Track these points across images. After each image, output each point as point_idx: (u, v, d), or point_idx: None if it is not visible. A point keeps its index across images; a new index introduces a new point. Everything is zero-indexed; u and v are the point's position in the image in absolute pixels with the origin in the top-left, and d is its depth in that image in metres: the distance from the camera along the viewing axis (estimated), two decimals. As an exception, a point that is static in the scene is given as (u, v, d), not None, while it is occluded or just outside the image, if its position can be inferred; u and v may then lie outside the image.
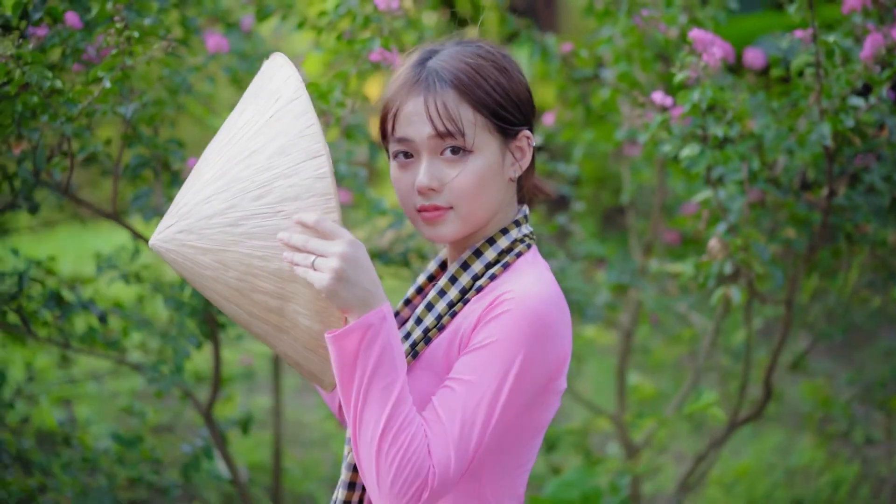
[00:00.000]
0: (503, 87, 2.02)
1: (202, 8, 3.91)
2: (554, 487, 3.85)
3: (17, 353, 6.20)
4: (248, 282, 1.96)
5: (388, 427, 1.86)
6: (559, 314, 1.98)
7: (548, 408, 2.05)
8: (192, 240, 1.97)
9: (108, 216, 3.33)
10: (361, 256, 1.88)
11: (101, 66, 2.73)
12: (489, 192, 2.02)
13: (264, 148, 1.94)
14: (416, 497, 1.86)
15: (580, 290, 3.52)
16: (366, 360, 1.86)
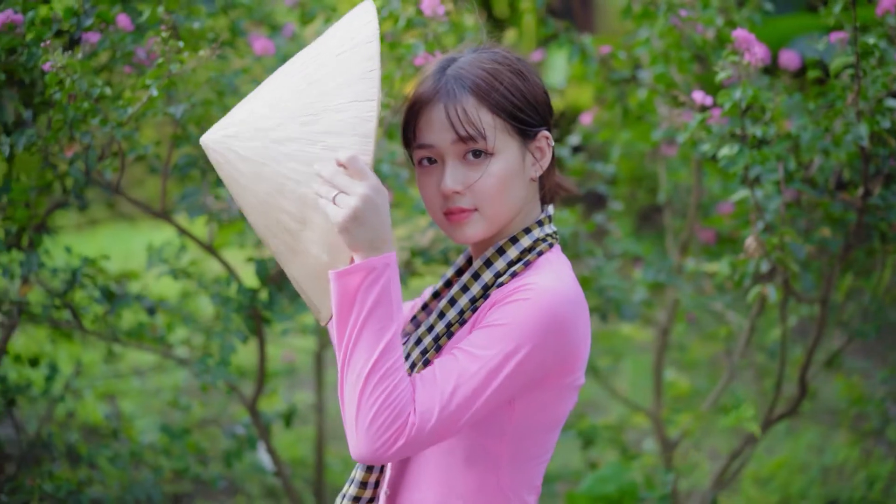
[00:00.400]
0: (520, 90, 2.07)
1: (248, 12, 3.97)
2: (590, 482, 3.88)
3: (65, 349, 6.31)
4: (275, 199, 2.02)
5: (376, 368, 1.90)
6: (575, 313, 2.02)
7: (563, 402, 2.09)
8: (236, 146, 2.04)
9: (157, 214, 3.39)
10: (381, 203, 1.92)
11: (149, 74, 2.78)
12: (512, 192, 2.07)
13: (325, 80, 2.00)
14: (391, 442, 1.90)
15: (617, 288, 3.55)
16: (364, 301, 1.91)
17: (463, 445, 2.08)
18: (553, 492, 4.26)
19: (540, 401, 2.05)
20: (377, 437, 1.89)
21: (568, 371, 2.05)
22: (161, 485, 4.80)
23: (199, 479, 4.84)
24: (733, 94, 2.74)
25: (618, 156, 3.94)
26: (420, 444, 1.93)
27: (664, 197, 3.82)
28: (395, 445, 1.90)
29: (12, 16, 2.90)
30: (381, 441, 1.89)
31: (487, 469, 2.08)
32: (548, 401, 2.06)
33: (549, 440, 2.13)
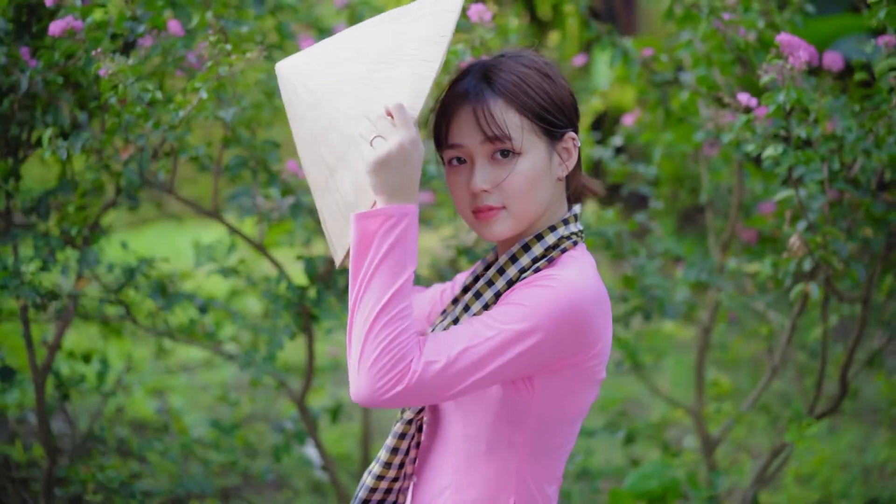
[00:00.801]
0: (547, 92, 2.12)
1: (297, 14, 4.02)
2: (634, 480, 3.90)
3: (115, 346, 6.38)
4: (325, 133, 2.08)
5: (385, 311, 1.94)
6: (595, 308, 2.05)
7: (584, 394, 2.13)
8: (305, 76, 2.11)
9: (208, 213, 3.44)
10: (413, 156, 1.98)
11: (199, 77, 2.83)
12: (539, 191, 2.11)
13: (399, 34, 2.07)
14: (391, 385, 1.93)
15: (660, 287, 3.58)
16: (380, 245, 1.96)
17: (485, 434, 2.12)
18: (596, 488, 4.28)
19: (559, 391, 2.08)
20: (378, 378, 1.93)
21: (585, 363, 2.07)
22: (210, 478, 4.86)
23: (246, 473, 4.90)
24: (777, 97, 2.75)
25: (659, 157, 3.95)
26: (417, 395, 1.95)
27: (705, 197, 3.83)
28: (394, 389, 1.93)
29: (72, 22, 2.96)
30: (380, 382, 1.93)
31: (508, 458, 2.11)
32: (567, 391, 2.09)
33: (569, 431, 2.16)
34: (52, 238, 3.45)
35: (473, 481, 2.14)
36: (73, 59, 3.09)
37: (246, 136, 3.36)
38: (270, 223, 3.52)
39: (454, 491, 2.16)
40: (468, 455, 2.15)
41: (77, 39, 2.99)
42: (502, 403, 2.09)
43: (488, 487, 2.13)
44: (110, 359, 5.77)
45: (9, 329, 5.81)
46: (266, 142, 3.38)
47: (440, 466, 2.20)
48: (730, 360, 5.11)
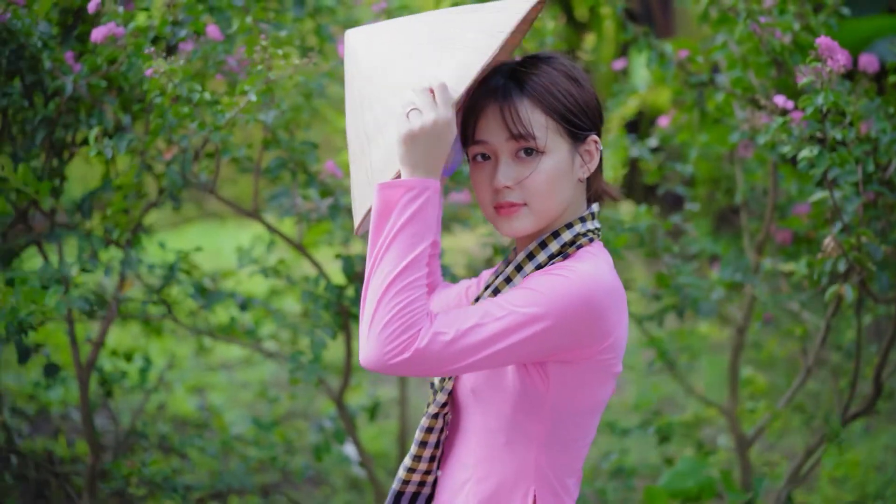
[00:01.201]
0: (573, 95, 2.15)
1: (335, 17, 4.05)
2: (668, 478, 3.90)
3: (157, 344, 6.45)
4: (370, 103, 2.14)
5: (400, 278, 1.99)
6: (608, 301, 2.07)
7: (599, 386, 2.15)
8: (368, 46, 2.17)
9: (248, 214, 3.48)
10: (443, 135, 2.02)
11: (248, 80, 2.88)
12: (560, 190, 2.14)
13: (466, 22, 2.12)
14: (398, 351, 1.96)
15: (694, 286, 3.59)
16: (400, 214, 2.01)
17: (503, 426, 2.15)
18: (631, 486, 4.29)
19: (573, 382, 2.11)
20: (386, 343, 1.97)
21: (597, 355, 2.10)
22: (249, 474, 4.91)
23: (285, 470, 4.94)
24: (815, 100, 2.76)
25: (694, 157, 3.95)
26: (422, 364, 1.99)
27: (740, 198, 3.84)
28: (401, 356, 1.97)
29: (114, 29, 3.01)
30: (388, 348, 1.97)
31: (527, 449, 2.14)
32: (580, 383, 2.12)
33: (586, 424, 2.18)
34: (94, 238, 3.50)
35: (494, 472, 2.18)
36: (116, 64, 3.14)
37: (285, 137, 3.39)
38: (309, 223, 3.55)
39: (475, 482, 2.20)
40: (488, 447, 2.18)
41: (119, 45, 3.03)
42: (519, 395, 2.12)
43: (508, 478, 2.17)
44: (152, 356, 5.84)
45: (53, 327, 5.88)
46: (304, 143, 3.42)
47: (462, 459, 2.24)
48: (766, 359, 5.09)
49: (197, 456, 5.16)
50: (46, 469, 4.53)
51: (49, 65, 3.23)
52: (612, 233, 3.39)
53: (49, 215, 3.73)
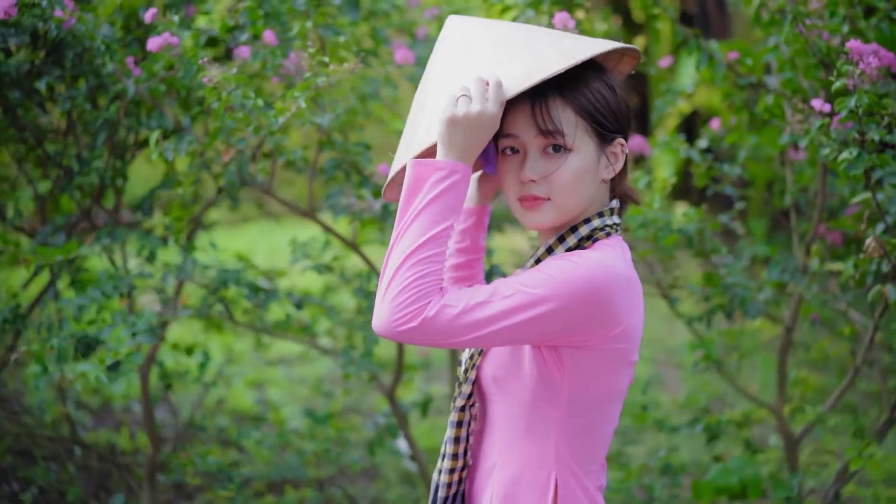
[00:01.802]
0: (605, 97, 2.20)
1: (389, 20, 4.13)
2: (715, 473, 3.94)
3: (217, 339, 6.58)
4: (437, 81, 2.22)
5: (418, 251, 2.06)
6: (618, 288, 2.12)
7: (615, 374, 2.19)
8: (465, 32, 2.23)
9: (304, 213, 3.57)
10: (485, 129, 2.10)
11: (298, 87, 2.96)
12: (583, 188, 2.19)
13: (549, 40, 2.21)
14: (406, 319, 2.04)
15: (742, 286, 3.62)
16: (428, 191, 2.09)
17: (524, 413, 2.21)
18: (678, 483, 4.33)
19: (587, 370, 2.16)
20: (396, 310, 2.05)
21: (607, 344, 2.14)
22: (305, 467, 5.01)
23: (340, 463, 5.03)
24: (848, 103, 2.79)
25: (743, 158, 3.98)
26: (429, 334, 2.06)
27: (789, 199, 3.86)
28: (408, 324, 2.04)
29: (169, 38, 3.12)
30: (397, 315, 2.05)
31: (547, 436, 2.20)
32: (594, 372, 2.17)
33: (605, 412, 2.23)
34: (152, 237, 3.60)
35: (516, 459, 2.24)
36: (172, 71, 3.24)
37: (339, 139, 3.48)
38: (362, 222, 3.63)
39: (500, 469, 2.26)
40: (511, 434, 2.24)
41: (174, 54, 3.14)
42: (536, 382, 2.18)
43: (530, 465, 2.23)
44: (212, 351, 5.97)
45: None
46: (358, 144, 3.50)
47: (488, 448, 2.31)
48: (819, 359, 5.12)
49: (254, 449, 5.27)
50: (108, 460, 4.66)
51: (111, 68, 3.34)
52: (660, 233, 3.43)
53: (112, 214, 3.85)
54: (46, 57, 3.48)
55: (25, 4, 3.20)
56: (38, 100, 3.61)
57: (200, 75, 2.96)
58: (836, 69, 2.84)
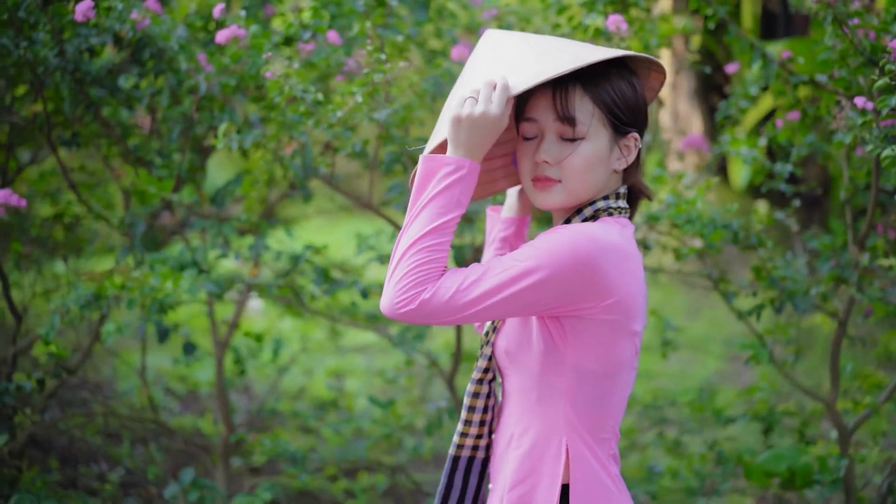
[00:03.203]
0: (624, 92, 2.32)
1: (455, 21, 4.25)
2: (766, 457, 3.98)
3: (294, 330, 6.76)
4: (464, 79, 2.35)
5: (423, 240, 2.21)
6: (605, 260, 2.22)
7: (615, 344, 2.30)
8: (499, 41, 2.36)
9: (366, 206, 3.71)
10: (490, 128, 2.23)
11: (356, 82, 3.10)
12: (593, 175, 2.32)
13: (569, 47, 2.32)
14: (406, 302, 2.19)
15: (793, 280, 3.67)
16: (436, 185, 2.24)
17: (535, 384, 2.33)
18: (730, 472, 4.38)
19: (588, 339, 2.27)
20: (398, 293, 2.20)
21: (603, 313, 2.24)
22: (377, 453, 5.15)
23: (410, 450, 5.17)
24: (890, 101, 2.84)
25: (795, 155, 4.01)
26: (428, 315, 2.20)
27: (843, 195, 3.89)
28: (408, 307, 2.19)
29: (236, 31, 3.27)
30: (399, 297, 2.20)
31: (556, 407, 2.32)
32: (596, 340, 2.27)
33: (611, 382, 2.33)
34: (225, 226, 3.77)
35: (531, 429, 2.36)
36: (240, 64, 3.40)
37: (399, 134, 3.60)
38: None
39: (517, 438, 2.38)
40: (525, 406, 2.36)
41: (241, 46, 3.29)
42: (543, 353, 2.30)
43: (543, 433, 2.34)
44: (289, 340, 6.14)
45: (196, 310, 6.23)
46: (417, 139, 3.62)
47: (507, 420, 2.42)
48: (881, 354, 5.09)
49: (329, 435, 5.43)
50: (189, 442, 4.86)
51: (185, 66, 3.52)
52: (705, 229, 3.50)
53: (190, 207, 4.03)
54: (132, 56, 3.67)
55: (104, 7, 3.38)
56: (123, 97, 3.81)
57: (265, 68, 3.12)
58: (880, 67, 2.89)
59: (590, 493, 2.33)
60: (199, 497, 3.97)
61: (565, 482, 2.33)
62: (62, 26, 3.48)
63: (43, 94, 3.71)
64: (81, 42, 3.57)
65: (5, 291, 4.05)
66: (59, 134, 4.14)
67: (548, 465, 2.34)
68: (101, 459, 5.09)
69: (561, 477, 2.32)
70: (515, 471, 2.38)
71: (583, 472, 2.32)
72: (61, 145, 4.14)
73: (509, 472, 2.39)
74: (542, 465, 2.34)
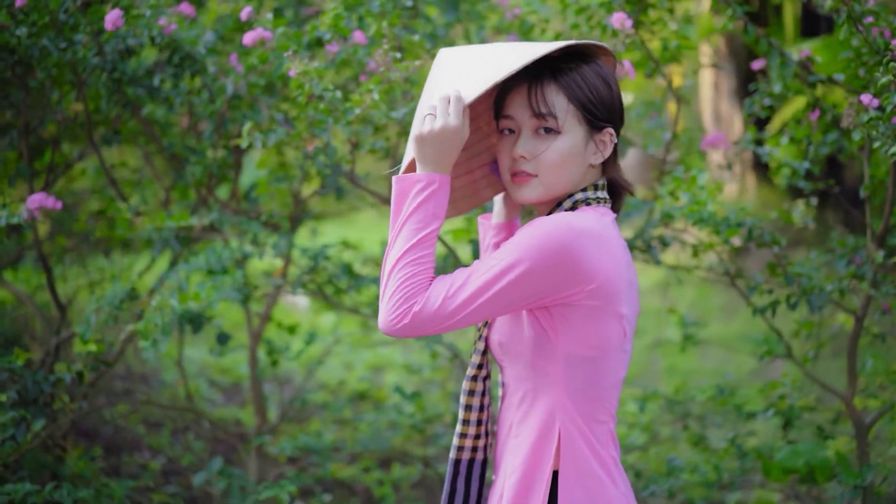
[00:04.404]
0: (598, 89, 2.37)
1: (482, 21, 4.30)
2: (785, 454, 3.98)
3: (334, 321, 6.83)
4: (425, 97, 2.41)
5: (406, 255, 2.27)
6: (583, 245, 2.26)
7: (603, 328, 2.33)
8: (448, 57, 2.42)
9: (385, 202, 3.77)
10: (453, 140, 2.30)
11: (372, 80, 3.16)
12: (569, 169, 2.37)
13: (514, 48, 2.37)
14: (400, 318, 2.25)
15: (807, 277, 3.68)
16: (411, 203, 2.30)
17: (529, 374, 2.37)
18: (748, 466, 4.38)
19: (576, 325, 2.31)
20: (391, 310, 2.27)
21: (586, 298, 2.28)
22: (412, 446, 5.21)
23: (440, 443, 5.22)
24: (892, 98, 2.85)
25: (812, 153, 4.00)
26: (422, 327, 2.26)
27: (863, 193, 3.88)
28: (402, 322, 2.26)
29: (262, 33, 3.34)
30: (392, 315, 2.26)
31: (550, 393, 2.35)
32: (583, 325, 2.31)
33: (603, 366, 2.36)
34: (253, 223, 3.84)
35: (528, 417, 2.40)
36: (267, 65, 3.47)
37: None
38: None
39: (515, 427, 2.43)
40: (522, 395, 2.41)
41: (267, 48, 3.36)
42: (534, 342, 2.34)
43: (539, 421, 2.38)
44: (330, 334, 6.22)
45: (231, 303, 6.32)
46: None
47: (506, 409, 2.47)
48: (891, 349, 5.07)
49: (365, 427, 5.50)
50: (227, 432, 4.95)
51: (213, 69, 3.60)
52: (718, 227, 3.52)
53: (225, 202, 4.12)
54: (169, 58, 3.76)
55: (133, 16, 3.47)
56: (160, 96, 3.90)
57: (286, 67, 3.18)
58: (884, 65, 2.90)
59: (578, 479, 2.36)
60: (227, 485, 4.05)
61: (556, 468, 2.38)
62: (101, 28, 3.57)
63: (84, 93, 3.80)
64: (119, 42, 3.65)
65: (49, 284, 4.17)
66: (101, 133, 4.25)
67: (542, 453, 2.38)
68: (144, 448, 5.21)
69: (552, 463, 2.37)
70: (514, 459, 2.42)
71: (572, 459, 2.36)
72: (103, 143, 4.25)
73: (509, 461, 2.44)
74: (538, 452, 2.38)
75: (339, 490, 5.00)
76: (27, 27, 3.46)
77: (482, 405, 2.51)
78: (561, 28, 4.06)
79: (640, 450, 5.25)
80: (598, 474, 2.38)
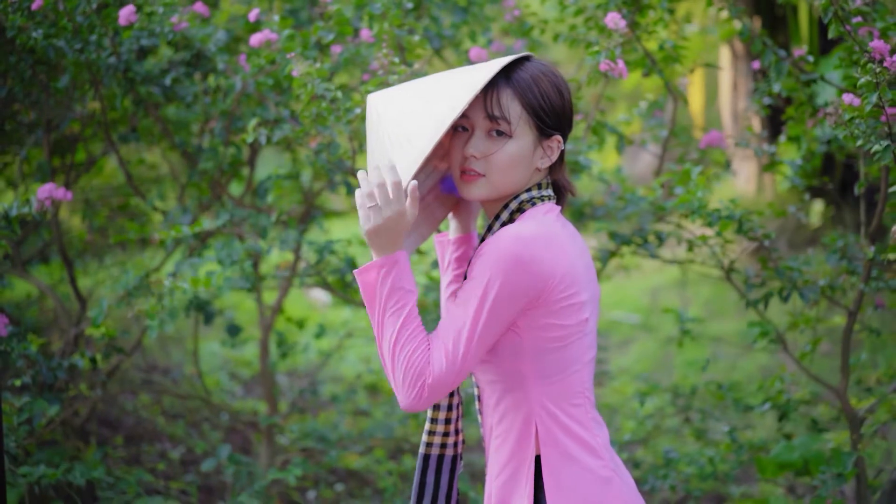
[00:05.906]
0: (550, 98, 2.45)
1: (488, 23, 4.37)
2: (779, 450, 4.03)
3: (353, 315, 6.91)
4: (372, 148, 2.46)
5: (398, 340, 2.33)
6: (535, 248, 2.34)
7: (565, 317, 2.41)
8: (383, 104, 2.47)
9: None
10: (401, 223, 2.36)
11: (371, 81, 3.24)
12: (516, 171, 2.45)
13: (447, 84, 2.41)
14: (420, 392, 2.32)
15: (798, 270, 3.73)
16: (381, 290, 2.37)
17: (500, 374, 2.45)
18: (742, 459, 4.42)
19: (540, 320, 2.39)
20: (408, 392, 2.33)
21: (556, 293, 2.37)
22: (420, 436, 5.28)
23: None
24: (870, 98, 2.90)
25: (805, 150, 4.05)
26: (441, 389, 2.34)
27: (858, 190, 3.92)
28: (422, 397, 2.33)
29: (269, 35, 3.43)
30: (411, 396, 2.33)
31: (522, 389, 2.44)
32: (547, 319, 2.39)
33: (570, 351, 2.44)
34: (262, 217, 3.93)
35: (506, 415, 2.48)
36: (274, 65, 3.56)
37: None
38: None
39: (495, 427, 2.51)
40: (497, 396, 2.49)
41: (274, 49, 3.45)
42: (501, 344, 2.42)
43: (515, 417, 2.46)
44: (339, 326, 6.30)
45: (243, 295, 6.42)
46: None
47: (484, 411, 2.55)
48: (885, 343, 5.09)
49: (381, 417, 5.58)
50: (241, 422, 5.05)
51: (222, 66, 3.69)
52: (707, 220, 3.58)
53: (238, 199, 4.21)
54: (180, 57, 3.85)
55: (146, 13, 3.57)
56: (173, 95, 3.99)
57: (290, 67, 3.27)
58: (861, 66, 2.96)
59: (560, 463, 2.44)
60: (236, 471, 4.16)
61: (538, 453, 2.46)
62: (115, 29, 3.67)
63: (100, 92, 3.91)
64: (133, 43, 3.75)
65: (70, 277, 4.28)
66: (119, 131, 4.36)
67: (524, 451, 2.46)
68: (165, 438, 5.32)
69: (533, 453, 2.45)
70: (499, 459, 2.51)
71: (553, 446, 2.44)
72: (120, 141, 4.35)
73: (494, 462, 2.53)
74: (520, 451, 2.47)
75: (352, 480, 5.09)
76: (44, 28, 3.56)
77: (450, 405, 2.60)
78: (561, 28, 4.12)
79: (642, 443, 5.31)
80: (578, 457, 2.45)
